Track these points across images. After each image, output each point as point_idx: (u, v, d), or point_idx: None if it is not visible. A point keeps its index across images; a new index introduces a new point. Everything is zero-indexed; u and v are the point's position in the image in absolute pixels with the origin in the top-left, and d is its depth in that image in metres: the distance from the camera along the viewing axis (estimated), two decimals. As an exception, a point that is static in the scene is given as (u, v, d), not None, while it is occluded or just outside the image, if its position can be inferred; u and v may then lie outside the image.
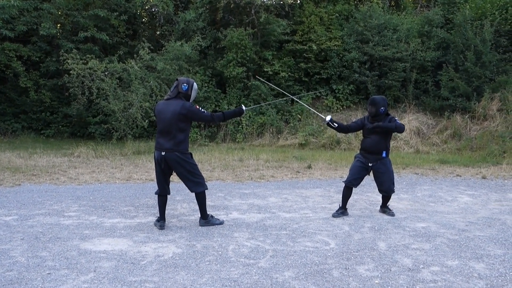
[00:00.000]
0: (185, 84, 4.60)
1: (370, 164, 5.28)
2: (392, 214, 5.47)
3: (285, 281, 3.37)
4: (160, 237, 4.43)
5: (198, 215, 5.34)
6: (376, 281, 3.39)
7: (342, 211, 5.44)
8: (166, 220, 4.89)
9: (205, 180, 4.88)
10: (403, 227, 4.96)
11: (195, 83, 4.73)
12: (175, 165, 4.57)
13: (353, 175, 5.34)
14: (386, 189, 5.36)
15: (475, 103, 12.95)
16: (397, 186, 7.50)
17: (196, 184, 4.69)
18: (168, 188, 4.78)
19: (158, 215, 4.84)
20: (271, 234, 4.59)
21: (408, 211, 5.74)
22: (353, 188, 5.43)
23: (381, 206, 5.67)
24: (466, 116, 13.01)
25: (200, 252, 3.99)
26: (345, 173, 8.08)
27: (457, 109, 13.27)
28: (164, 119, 4.55)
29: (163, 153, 4.54)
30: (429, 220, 5.28)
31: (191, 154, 4.72)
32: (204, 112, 4.68)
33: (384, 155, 5.24)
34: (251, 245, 4.23)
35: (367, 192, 6.97)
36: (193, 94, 4.69)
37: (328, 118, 5.40)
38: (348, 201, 5.53)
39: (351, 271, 3.60)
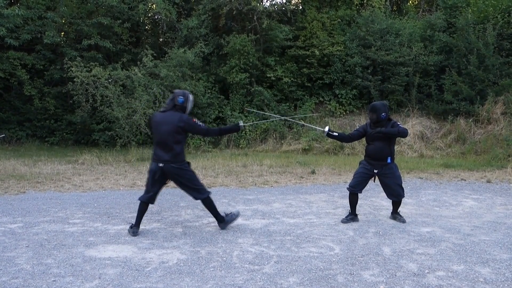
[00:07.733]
0: (181, 97, 4.66)
1: (375, 171, 5.19)
2: (403, 221, 5.33)
3: (289, 286, 3.36)
4: (164, 243, 4.44)
5: (202, 221, 5.36)
6: (381, 286, 3.37)
7: (352, 217, 5.39)
8: (140, 227, 4.82)
9: (206, 186, 4.90)
10: (407, 231, 4.94)
11: (190, 95, 4.77)
12: (174, 176, 4.64)
13: (355, 180, 5.30)
14: (395, 194, 5.25)
15: (478, 107, 12.93)
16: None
17: (199, 191, 4.75)
18: (156, 198, 4.79)
19: (134, 221, 4.80)
20: (275, 240, 4.58)
21: (412, 216, 5.71)
22: (359, 194, 5.39)
23: (391, 213, 5.55)
24: (470, 120, 12.98)
25: (205, 258, 3.99)
26: (349, 178, 8.06)
27: (460, 113, 13.24)
28: (162, 131, 4.60)
29: (160, 165, 4.58)
30: (434, 225, 5.26)
31: (188, 163, 4.76)
32: (201, 125, 4.74)
33: (389, 161, 5.13)
34: (255, 251, 4.22)
35: (371, 197, 6.95)
36: (189, 106, 4.74)
37: (326, 128, 5.36)
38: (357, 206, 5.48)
39: (356, 276, 3.58)
